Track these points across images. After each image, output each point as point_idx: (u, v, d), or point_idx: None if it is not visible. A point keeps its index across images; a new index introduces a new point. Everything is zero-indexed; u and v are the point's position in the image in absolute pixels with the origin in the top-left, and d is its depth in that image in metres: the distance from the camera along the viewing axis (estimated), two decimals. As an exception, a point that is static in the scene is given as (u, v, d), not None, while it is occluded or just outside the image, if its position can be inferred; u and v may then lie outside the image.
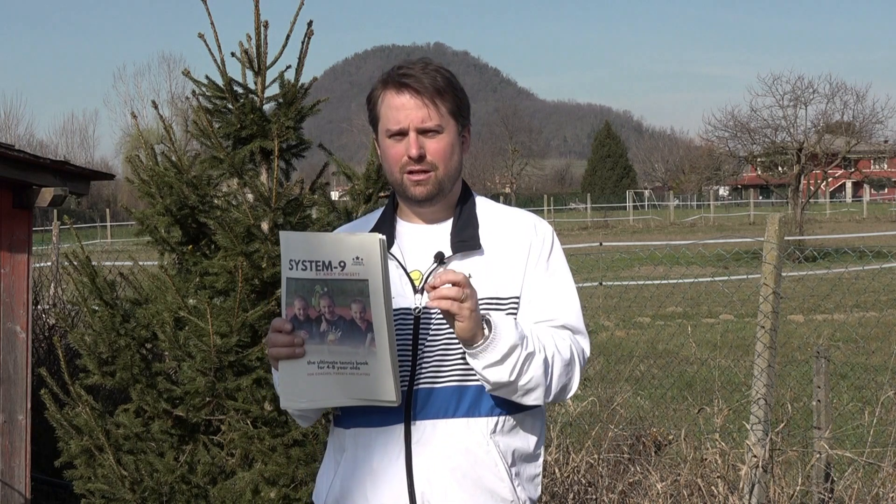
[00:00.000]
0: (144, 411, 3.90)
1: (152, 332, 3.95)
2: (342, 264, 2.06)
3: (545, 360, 2.19)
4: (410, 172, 2.26)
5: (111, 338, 3.91)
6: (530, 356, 2.16)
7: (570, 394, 2.29)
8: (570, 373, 2.26)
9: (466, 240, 2.29)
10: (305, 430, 3.73)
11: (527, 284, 2.28)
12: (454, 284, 2.06)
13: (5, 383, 4.99)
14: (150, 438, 3.86)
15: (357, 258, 2.06)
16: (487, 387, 2.19)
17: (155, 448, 3.86)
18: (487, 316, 2.14)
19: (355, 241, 2.08)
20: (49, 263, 10.43)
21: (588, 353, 2.34)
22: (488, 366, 2.13)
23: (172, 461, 3.82)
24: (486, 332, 2.12)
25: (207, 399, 3.84)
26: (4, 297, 5.01)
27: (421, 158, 2.25)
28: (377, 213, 2.46)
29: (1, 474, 4.95)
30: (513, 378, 2.14)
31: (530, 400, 2.21)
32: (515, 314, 2.26)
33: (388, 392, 2.11)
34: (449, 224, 2.34)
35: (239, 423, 3.78)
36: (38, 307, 7.92)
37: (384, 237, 2.08)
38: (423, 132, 2.26)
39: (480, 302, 2.14)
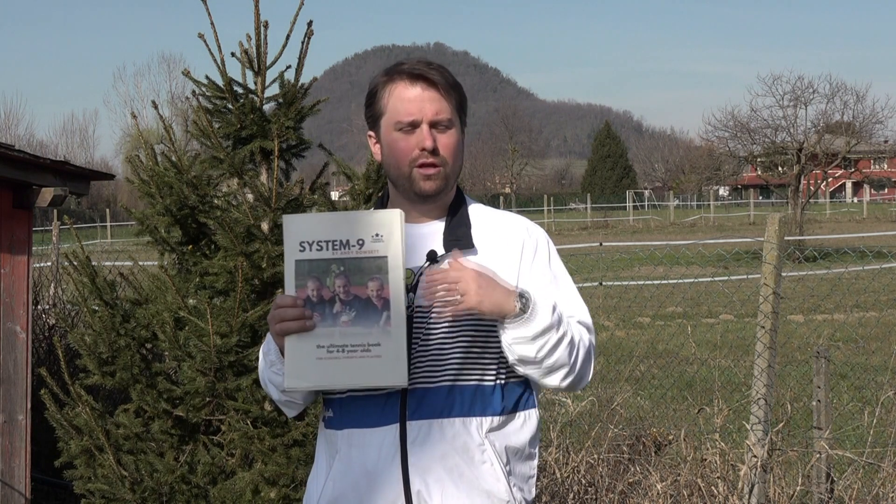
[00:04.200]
0: (144, 411, 3.90)
1: (152, 332, 3.96)
2: (360, 242, 2.07)
3: (572, 342, 2.22)
4: (421, 166, 2.24)
5: (111, 338, 3.91)
6: (561, 340, 2.19)
7: (583, 384, 2.32)
8: (588, 363, 2.30)
9: (459, 238, 2.27)
10: (306, 430, 3.73)
11: (523, 283, 2.28)
12: (445, 281, 2.09)
13: (5, 383, 4.99)
14: (150, 438, 3.86)
15: (377, 235, 2.07)
16: (512, 358, 2.20)
17: (155, 448, 3.86)
18: (526, 294, 2.15)
19: (375, 218, 2.09)
20: (49, 263, 10.41)
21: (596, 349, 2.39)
22: (517, 340, 2.16)
23: (172, 461, 3.82)
24: (518, 306, 2.13)
25: (207, 399, 3.84)
26: (4, 297, 5.01)
27: (435, 151, 2.24)
28: None
29: (1, 474, 4.95)
30: (539, 357, 2.17)
31: (554, 380, 2.23)
32: None
33: (399, 373, 2.10)
34: (440, 224, 2.32)
35: (239, 423, 3.78)
36: (38, 307, 7.92)
37: (403, 213, 2.07)
38: (434, 125, 2.24)
39: None
